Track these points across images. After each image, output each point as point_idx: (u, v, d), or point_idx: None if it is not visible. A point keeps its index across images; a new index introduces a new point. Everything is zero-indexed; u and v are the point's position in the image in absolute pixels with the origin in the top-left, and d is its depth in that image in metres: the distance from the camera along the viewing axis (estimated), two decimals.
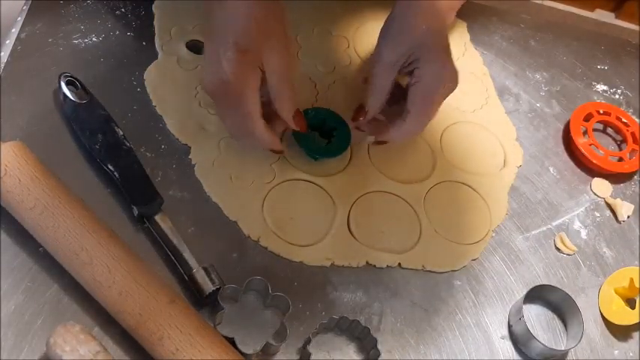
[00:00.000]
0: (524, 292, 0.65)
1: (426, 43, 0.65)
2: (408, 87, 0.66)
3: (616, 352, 0.67)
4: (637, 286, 0.69)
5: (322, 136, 0.71)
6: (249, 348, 0.57)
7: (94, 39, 0.73)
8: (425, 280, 0.67)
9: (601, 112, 0.84)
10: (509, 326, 0.66)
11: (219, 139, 0.69)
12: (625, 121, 0.84)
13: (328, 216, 0.68)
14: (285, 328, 0.58)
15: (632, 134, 0.83)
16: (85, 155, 0.65)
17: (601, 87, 0.89)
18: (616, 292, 0.70)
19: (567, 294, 0.66)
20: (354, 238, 0.67)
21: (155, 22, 0.76)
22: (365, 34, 0.82)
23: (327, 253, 0.65)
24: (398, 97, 0.68)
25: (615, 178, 0.80)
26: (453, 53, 0.67)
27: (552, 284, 0.67)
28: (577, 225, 0.75)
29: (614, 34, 0.96)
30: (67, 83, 0.66)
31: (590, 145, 0.80)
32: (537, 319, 0.67)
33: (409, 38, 0.65)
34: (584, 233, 0.75)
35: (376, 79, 0.67)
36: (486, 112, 0.81)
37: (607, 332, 0.68)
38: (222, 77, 0.59)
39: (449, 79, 0.66)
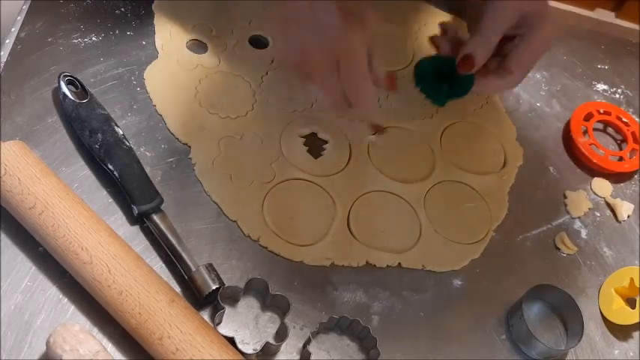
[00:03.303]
0: (524, 292, 0.65)
1: (535, 10, 0.69)
2: (512, 48, 0.70)
3: (616, 351, 0.67)
4: (637, 285, 0.69)
5: (442, 80, 0.73)
6: (249, 348, 0.57)
7: (93, 38, 0.73)
8: (425, 279, 0.67)
9: (601, 111, 0.84)
10: (510, 326, 0.66)
11: (219, 138, 0.69)
12: (625, 120, 0.84)
13: (328, 216, 0.68)
14: (285, 328, 0.58)
15: (633, 134, 0.83)
16: (85, 155, 0.65)
17: (601, 86, 0.89)
18: (616, 292, 0.70)
19: (567, 294, 0.66)
20: (354, 237, 0.67)
21: (155, 22, 0.76)
22: None
23: (327, 253, 0.65)
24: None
25: (615, 177, 0.80)
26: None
27: (552, 284, 0.67)
28: (577, 225, 0.75)
29: (614, 34, 0.96)
30: (67, 83, 0.66)
31: (591, 144, 0.80)
32: (537, 319, 0.67)
33: (519, 4, 0.69)
34: (584, 233, 0.74)
35: (486, 31, 0.70)
36: (486, 111, 0.81)
37: (607, 332, 0.68)
38: (331, 35, 0.60)
39: (549, 46, 0.71)
